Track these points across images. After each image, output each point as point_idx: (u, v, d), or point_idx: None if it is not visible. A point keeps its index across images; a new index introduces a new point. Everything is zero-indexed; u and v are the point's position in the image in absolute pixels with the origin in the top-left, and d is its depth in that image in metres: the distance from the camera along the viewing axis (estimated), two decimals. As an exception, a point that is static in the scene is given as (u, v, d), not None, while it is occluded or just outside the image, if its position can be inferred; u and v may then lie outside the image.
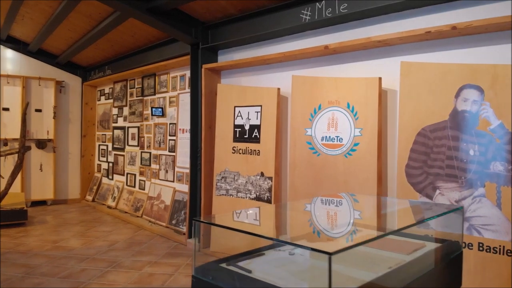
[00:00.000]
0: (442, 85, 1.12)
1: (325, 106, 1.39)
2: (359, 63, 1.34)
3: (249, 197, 1.62)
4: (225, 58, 1.82)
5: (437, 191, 1.14)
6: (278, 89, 1.54)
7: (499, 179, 1.03)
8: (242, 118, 1.67)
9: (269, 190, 1.55)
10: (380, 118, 1.26)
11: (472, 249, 1.08)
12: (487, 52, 1.07)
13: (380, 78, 1.25)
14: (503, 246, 1.02)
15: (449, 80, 1.11)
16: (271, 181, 1.54)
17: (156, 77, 2.51)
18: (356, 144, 1.30)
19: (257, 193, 1.59)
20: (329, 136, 1.37)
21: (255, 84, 1.67)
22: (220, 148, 1.72)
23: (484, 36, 1.07)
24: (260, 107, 1.60)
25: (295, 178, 1.46)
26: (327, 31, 1.41)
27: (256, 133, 1.61)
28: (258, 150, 1.60)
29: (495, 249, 1.03)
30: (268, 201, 1.55)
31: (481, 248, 1.06)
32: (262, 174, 1.58)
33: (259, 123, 1.60)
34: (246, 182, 1.64)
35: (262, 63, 1.62)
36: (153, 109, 2.42)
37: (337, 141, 1.35)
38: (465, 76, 1.09)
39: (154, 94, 2.53)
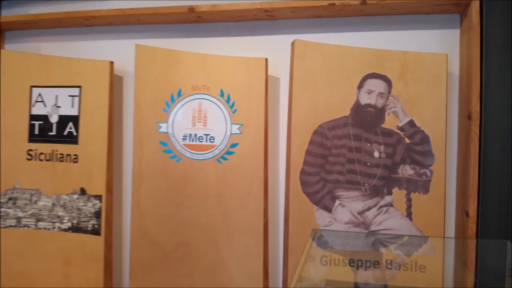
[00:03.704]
0: (343, 72, 0.92)
1: (188, 92, 0.99)
2: (239, 39, 1.02)
3: (59, 227, 1.04)
4: (14, 11, 1.15)
5: (337, 202, 0.93)
6: (111, 62, 1.04)
7: (409, 185, 0.90)
8: (45, 105, 1.07)
9: (96, 215, 1.03)
10: (267, 112, 0.97)
11: (378, 267, 0.91)
12: (396, 37, 0.93)
13: (266, 60, 0.96)
14: (415, 262, 0.89)
15: (351, 67, 0.92)
16: (100, 201, 1.03)
17: None
18: (234, 145, 0.97)
19: (75, 221, 1.04)
20: (195, 135, 0.99)
21: (69, 54, 1.10)
22: (5, 152, 1.06)
23: (393, 18, 0.93)
24: (78, 88, 1.05)
25: (141, 195, 1.00)
26: (191, -12, 1.03)
27: (71, 128, 1.06)
28: (75, 155, 1.05)
29: (406, 265, 0.90)
30: (95, 232, 1.02)
31: (389, 266, 0.91)
32: (83, 192, 1.04)
33: (76, 113, 1.05)
34: (54, 204, 1.05)
35: (81, 23, 1.08)
36: None
37: (206, 141, 0.98)
38: (370, 63, 0.92)
39: None
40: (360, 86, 0.92)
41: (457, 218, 0.90)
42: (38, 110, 1.07)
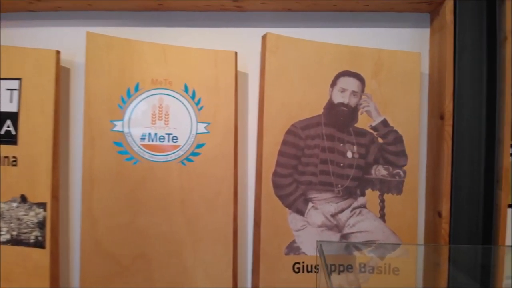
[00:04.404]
0: (317, 69, 0.88)
1: (147, 86, 0.90)
2: (204, 30, 0.94)
3: (-6, 241, 0.90)
4: None
5: (310, 204, 0.89)
6: (58, 52, 0.91)
7: (382, 186, 0.88)
8: (-24, 100, 0.92)
9: (40, 225, 0.90)
10: (236, 110, 0.90)
11: (351, 271, 0.88)
12: (369, 34, 0.90)
13: (236, 53, 0.89)
14: (389, 264, 0.87)
15: (325, 64, 0.88)
16: (44, 209, 0.90)
17: None
18: (200, 146, 0.89)
19: (14, 233, 0.90)
20: (155, 134, 0.89)
21: (8, 43, 0.95)
22: None
23: (366, 15, 0.91)
24: (18, 81, 0.91)
25: (92, 202, 0.89)
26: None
27: (9, 127, 0.92)
28: (14, 158, 0.91)
29: (380, 268, 0.87)
30: (39, 244, 0.89)
31: (363, 270, 0.88)
32: (23, 199, 0.90)
33: (15, 110, 0.91)
34: (-13, 214, 0.91)
35: (23, 8, 0.93)
36: None
37: (168, 141, 0.89)
38: (344, 60, 0.88)
39: None
40: (333, 84, 0.89)
41: (427, 218, 0.90)
42: (-34, 105, 0.92)
